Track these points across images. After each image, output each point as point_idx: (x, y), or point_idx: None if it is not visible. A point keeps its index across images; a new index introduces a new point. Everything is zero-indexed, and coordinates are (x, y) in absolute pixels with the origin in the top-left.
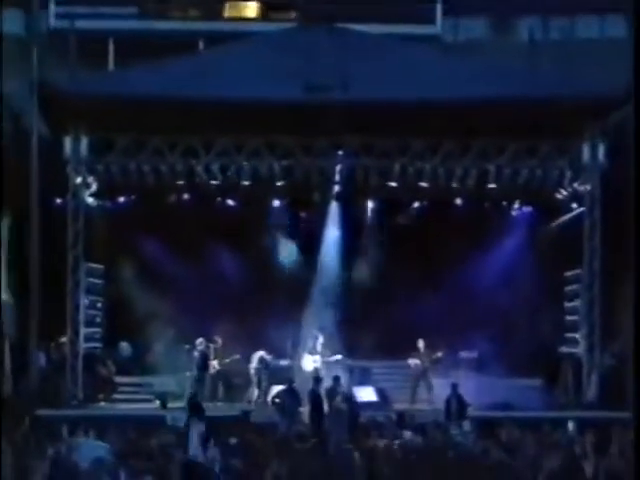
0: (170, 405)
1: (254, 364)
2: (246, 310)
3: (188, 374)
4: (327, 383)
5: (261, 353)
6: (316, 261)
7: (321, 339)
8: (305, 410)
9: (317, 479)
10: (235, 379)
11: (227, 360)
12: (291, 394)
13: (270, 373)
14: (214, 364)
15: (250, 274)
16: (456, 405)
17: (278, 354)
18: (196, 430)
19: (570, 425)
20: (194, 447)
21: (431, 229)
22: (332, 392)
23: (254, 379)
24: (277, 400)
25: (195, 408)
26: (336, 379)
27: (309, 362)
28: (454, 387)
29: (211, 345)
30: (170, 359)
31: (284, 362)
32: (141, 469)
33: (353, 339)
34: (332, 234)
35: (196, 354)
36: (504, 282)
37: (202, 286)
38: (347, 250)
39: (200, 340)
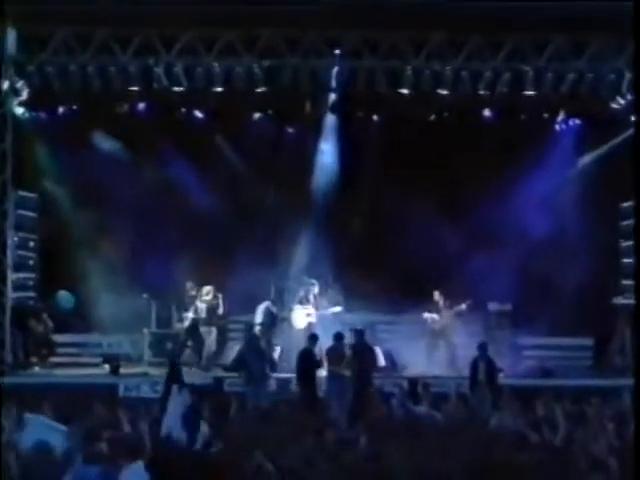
0: (123, 371)
1: (259, 319)
2: (219, 249)
3: (146, 331)
4: (324, 341)
5: (266, 304)
6: (307, 189)
7: (316, 287)
8: (287, 376)
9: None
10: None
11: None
12: (258, 354)
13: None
14: (189, 316)
15: (223, 204)
16: (485, 371)
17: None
18: (176, 403)
19: (627, 396)
20: (169, 425)
21: (452, 148)
22: (333, 354)
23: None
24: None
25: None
26: (338, 337)
27: (300, 316)
28: (482, 348)
29: (220, 296)
30: (123, 312)
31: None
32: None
33: (355, 287)
34: (327, 155)
35: (201, 305)
36: (544, 215)
37: (163, 219)
38: (346, 175)
39: (208, 289)
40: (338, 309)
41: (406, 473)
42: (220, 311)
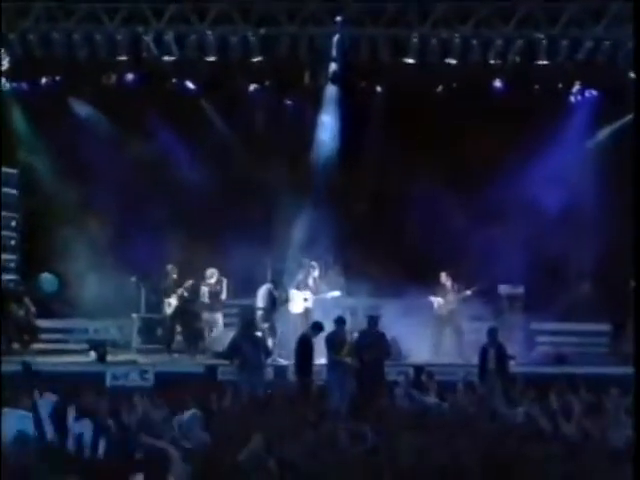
0: (110, 358)
1: (261, 303)
2: (212, 228)
3: (135, 316)
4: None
5: (268, 287)
6: (306, 164)
7: (316, 269)
8: (284, 364)
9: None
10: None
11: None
12: (253, 341)
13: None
14: (170, 301)
15: (216, 180)
16: (494, 358)
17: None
18: None
19: None
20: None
21: (461, 121)
22: (334, 340)
23: (263, 323)
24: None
25: None
26: (339, 322)
27: (298, 300)
28: (492, 333)
29: (224, 280)
30: (110, 296)
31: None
32: None
33: (357, 269)
34: (327, 129)
35: (204, 289)
36: (558, 192)
37: (152, 196)
38: (348, 150)
39: (212, 271)
40: (337, 293)
41: (411, 468)
42: (224, 296)
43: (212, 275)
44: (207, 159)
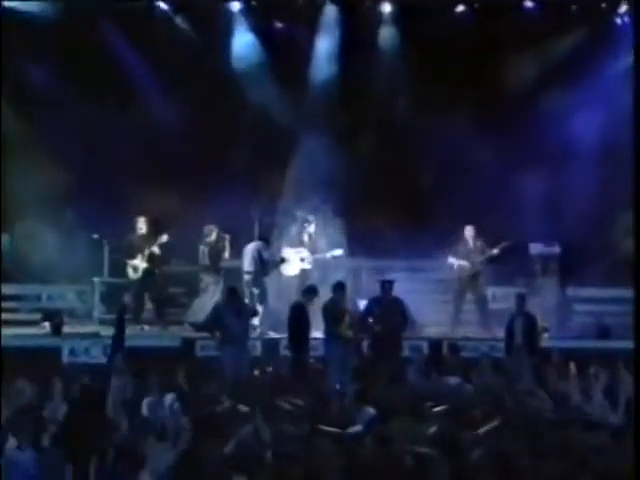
0: (67, 330)
1: (247, 265)
2: (188, 174)
3: (96, 280)
4: (322, 293)
5: (255, 246)
6: (300, 98)
7: (312, 224)
8: (274, 337)
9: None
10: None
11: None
12: (237, 310)
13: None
14: (137, 264)
15: (194, 118)
16: (524, 330)
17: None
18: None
19: None
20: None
21: (485, 48)
22: (333, 309)
23: (251, 289)
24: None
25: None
26: (339, 288)
27: (293, 260)
28: (520, 301)
29: (226, 237)
30: (68, 257)
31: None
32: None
33: (362, 223)
34: (325, 56)
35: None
36: (599, 135)
37: (118, 138)
38: (349, 81)
39: (211, 228)
40: (339, 252)
41: (426, 461)
42: (227, 255)
43: (211, 232)
44: (183, 91)
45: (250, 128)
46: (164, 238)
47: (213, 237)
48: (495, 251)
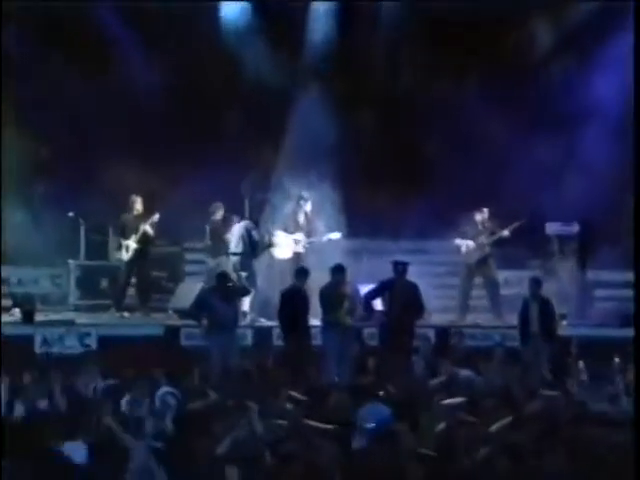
0: (41, 318)
1: (235, 246)
2: (171, 147)
3: (72, 263)
4: (318, 276)
5: (244, 225)
6: (295, 64)
7: (308, 203)
8: (266, 324)
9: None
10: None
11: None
12: (225, 296)
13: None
14: (129, 244)
15: (178, 86)
16: (539, 317)
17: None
18: None
19: None
20: None
21: (490, 13)
22: (331, 294)
23: (238, 272)
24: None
25: None
26: (338, 271)
27: (286, 243)
28: (535, 285)
29: (235, 218)
30: (40, 237)
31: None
32: None
33: (362, 202)
34: (321, 18)
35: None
36: (621, 105)
37: (95, 106)
38: (349, 46)
39: (217, 205)
40: (337, 235)
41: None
42: (229, 237)
43: (216, 210)
44: (166, 56)
45: (241, 97)
46: (156, 217)
47: (218, 216)
48: (506, 232)
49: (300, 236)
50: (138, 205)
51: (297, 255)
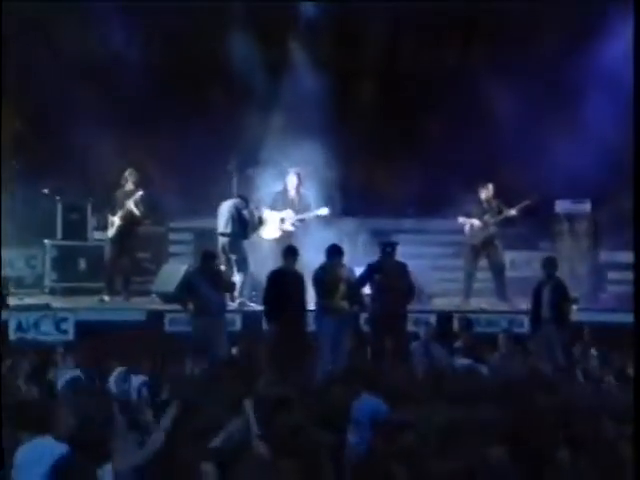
0: (14, 302)
1: (223, 226)
2: (159, 121)
3: (48, 243)
4: (309, 259)
5: (233, 203)
6: (287, 29)
7: (295, 177)
8: (256, 308)
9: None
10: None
11: None
12: (213, 279)
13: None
14: (115, 220)
15: (163, 57)
16: (551, 301)
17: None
18: None
19: None
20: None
21: None
22: (325, 277)
23: (228, 255)
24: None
25: None
26: (334, 253)
27: (273, 220)
28: (549, 266)
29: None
30: (13, 215)
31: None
32: None
33: (359, 179)
34: None
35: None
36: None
37: (76, 77)
38: (347, 15)
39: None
40: (325, 211)
41: (434, 457)
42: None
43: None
44: (149, 24)
45: (228, 65)
46: (138, 194)
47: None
48: (513, 212)
49: (288, 213)
50: (130, 181)
51: (287, 234)
